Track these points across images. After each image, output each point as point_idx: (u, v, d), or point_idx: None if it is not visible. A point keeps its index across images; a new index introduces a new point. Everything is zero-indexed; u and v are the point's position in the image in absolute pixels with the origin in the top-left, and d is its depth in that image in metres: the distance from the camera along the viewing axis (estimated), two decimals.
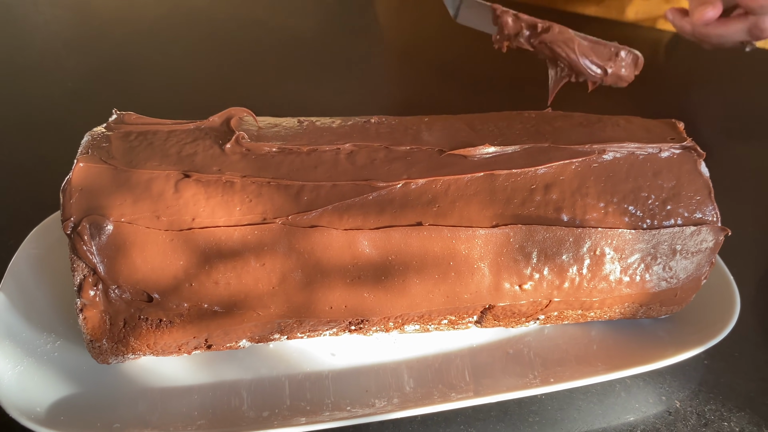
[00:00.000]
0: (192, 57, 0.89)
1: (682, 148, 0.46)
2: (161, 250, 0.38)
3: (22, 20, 0.95)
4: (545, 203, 0.43)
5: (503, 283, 0.42)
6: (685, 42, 0.97)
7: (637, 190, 0.44)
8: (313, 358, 0.46)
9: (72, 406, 0.41)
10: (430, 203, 0.41)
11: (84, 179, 0.38)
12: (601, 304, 0.45)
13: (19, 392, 0.40)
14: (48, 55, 0.86)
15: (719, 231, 0.44)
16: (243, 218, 0.39)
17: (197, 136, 0.42)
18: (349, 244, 0.40)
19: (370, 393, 0.43)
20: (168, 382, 0.43)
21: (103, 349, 0.41)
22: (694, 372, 0.47)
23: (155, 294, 0.38)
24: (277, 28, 0.96)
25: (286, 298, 0.40)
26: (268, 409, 0.42)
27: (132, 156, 0.40)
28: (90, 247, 0.37)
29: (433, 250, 0.41)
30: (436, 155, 0.43)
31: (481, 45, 0.57)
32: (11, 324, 0.43)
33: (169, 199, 0.39)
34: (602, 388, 0.46)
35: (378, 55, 0.93)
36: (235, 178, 0.40)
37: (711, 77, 0.90)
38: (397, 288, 0.41)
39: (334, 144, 0.43)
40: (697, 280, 0.46)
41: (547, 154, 0.44)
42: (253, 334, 0.42)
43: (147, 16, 0.99)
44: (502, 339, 0.48)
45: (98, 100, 0.76)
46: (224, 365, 0.45)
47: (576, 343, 0.48)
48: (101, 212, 0.38)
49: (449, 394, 0.43)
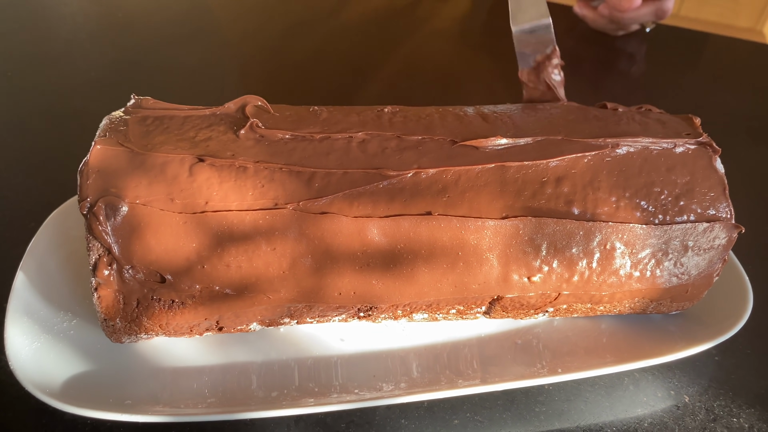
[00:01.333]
0: (212, 49, 0.90)
1: (698, 144, 0.46)
2: (174, 232, 0.39)
3: (49, 11, 0.97)
4: (556, 196, 0.43)
5: (512, 274, 0.42)
6: (707, 40, 0.97)
7: (650, 184, 0.44)
8: (323, 343, 0.46)
9: (85, 382, 0.42)
10: (440, 193, 0.42)
11: (101, 161, 0.39)
12: (610, 298, 0.45)
13: (36, 367, 0.41)
14: (73, 46, 0.87)
15: (733, 228, 0.44)
16: (255, 203, 0.40)
17: (212, 122, 0.43)
18: (358, 231, 0.40)
19: (377, 378, 0.44)
20: (179, 362, 0.44)
21: (117, 328, 0.41)
22: (704, 367, 0.47)
23: (168, 275, 0.39)
24: (301, 23, 0.97)
25: (295, 282, 0.41)
26: (277, 389, 0.42)
27: (148, 139, 0.41)
28: (105, 228, 0.38)
29: (442, 239, 0.41)
30: (448, 145, 0.43)
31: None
32: (30, 302, 0.45)
33: (183, 182, 0.40)
34: (610, 381, 0.46)
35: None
36: (248, 164, 0.40)
37: (731, 74, 0.89)
38: (406, 276, 0.41)
39: (347, 132, 0.43)
40: (708, 277, 0.45)
41: (559, 147, 0.44)
42: (263, 318, 0.43)
43: (170, 9, 1.00)
44: (511, 329, 0.48)
45: (119, 90, 0.77)
46: (235, 347, 0.46)
47: (585, 335, 0.48)
48: (117, 193, 0.38)
49: (456, 380, 0.43)
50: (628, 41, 0.93)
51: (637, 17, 0.88)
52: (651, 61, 0.91)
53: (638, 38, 0.93)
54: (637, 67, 0.90)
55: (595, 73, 0.89)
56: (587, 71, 0.89)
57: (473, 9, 1.04)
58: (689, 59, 0.93)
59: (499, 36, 0.96)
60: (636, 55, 0.91)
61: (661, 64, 0.90)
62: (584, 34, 0.94)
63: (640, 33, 0.94)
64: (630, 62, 0.90)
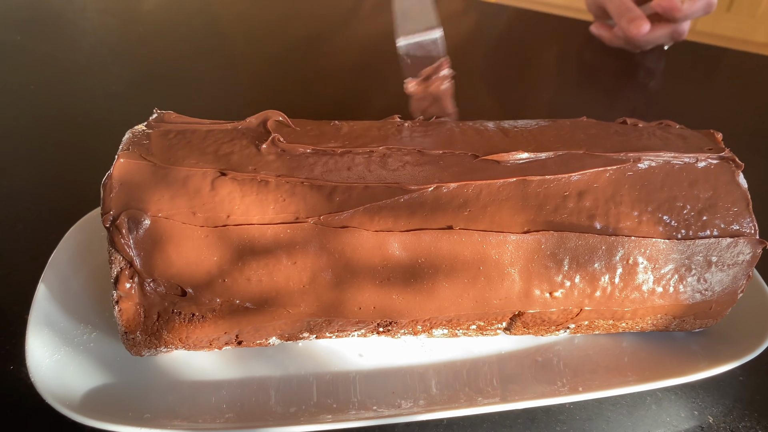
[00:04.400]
0: (231, 64, 0.91)
1: (720, 159, 0.45)
2: (196, 246, 0.39)
3: (72, 26, 0.99)
4: (578, 210, 0.42)
5: (533, 289, 0.42)
6: (725, 55, 0.96)
7: (672, 199, 0.43)
8: (341, 358, 0.46)
9: (105, 394, 0.42)
10: (462, 207, 0.41)
11: (124, 174, 0.39)
12: (633, 314, 0.44)
13: (56, 379, 0.41)
14: (94, 60, 0.89)
15: (757, 244, 0.44)
16: (276, 217, 0.40)
17: (234, 136, 0.43)
18: (379, 245, 0.40)
19: (396, 394, 0.43)
20: (198, 376, 0.44)
21: (137, 342, 0.41)
22: (728, 388, 0.46)
23: (189, 288, 0.39)
24: (318, 38, 0.97)
25: (316, 296, 0.41)
26: (295, 405, 0.42)
27: (170, 153, 0.41)
28: (127, 241, 0.38)
29: (463, 254, 0.41)
30: (469, 160, 0.43)
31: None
32: (50, 314, 0.45)
33: (205, 196, 0.40)
34: (632, 400, 0.45)
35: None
36: (269, 178, 0.41)
37: (749, 89, 0.88)
38: (426, 291, 0.41)
39: (368, 146, 0.43)
40: (733, 293, 0.45)
41: (581, 161, 0.44)
42: (282, 332, 0.43)
43: (189, 24, 1.01)
44: (531, 347, 0.48)
45: (140, 103, 0.78)
46: (253, 362, 0.45)
47: (607, 353, 0.47)
48: (139, 207, 0.39)
49: (476, 398, 0.43)
50: (646, 56, 0.92)
51: (653, 39, 0.89)
52: (669, 75, 0.91)
53: (656, 53, 0.93)
54: (655, 82, 0.90)
55: (613, 86, 0.88)
56: (605, 84, 0.89)
57: (479, 27, 1.05)
58: (707, 74, 0.93)
59: (506, 52, 0.97)
60: (654, 70, 0.91)
61: (679, 78, 0.90)
62: (602, 46, 0.94)
63: (659, 48, 0.94)
64: (648, 76, 0.90)
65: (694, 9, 0.85)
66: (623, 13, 0.87)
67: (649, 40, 0.89)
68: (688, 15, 0.86)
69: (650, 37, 0.88)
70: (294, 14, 1.06)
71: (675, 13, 0.85)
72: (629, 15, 0.87)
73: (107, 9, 1.04)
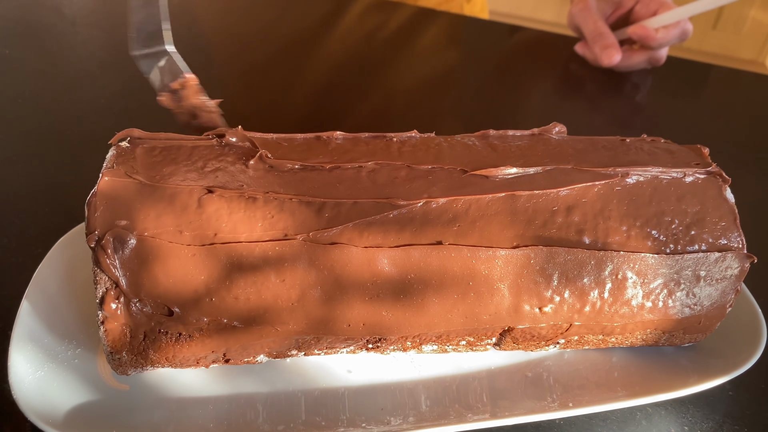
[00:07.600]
0: (219, 79, 0.90)
1: (707, 174, 0.45)
2: (183, 265, 0.39)
3: (61, 39, 0.98)
4: (567, 225, 0.42)
5: (523, 305, 0.42)
6: (711, 71, 0.97)
7: (661, 214, 0.43)
8: (330, 375, 0.46)
9: (89, 412, 0.41)
10: (451, 222, 0.41)
11: (108, 193, 0.39)
12: (622, 329, 0.44)
13: (39, 396, 0.40)
14: (83, 73, 0.88)
15: (745, 258, 0.44)
16: (264, 234, 0.40)
17: (220, 153, 0.43)
18: (368, 261, 0.40)
19: (385, 411, 0.43)
20: (184, 392, 0.44)
21: (123, 361, 0.41)
22: (718, 403, 0.46)
23: (176, 308, 0.39)
24: (297, 48, 0.98)
25: (304, 314, 0.40)
26: (283, 423, 0.42)
27: (156, 170, 0.41)
28: (113, 261, 0.38)
29: (453, 269, 0.41)
30: (458, 175, 0.43)
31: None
32: (34, 330, 0.44)
33: (191, 213, 0.39)
34: (622, 416, 0.45)
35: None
36: (257, 194, 0.40)
37: (734, 105, 0.89)
38: (416, 307, 0.41)
39: (356, 162, 0.43)
40: (722, 307, 0.45)
41: (569, 176, 0.44)
42: (270, 350, 0.42)
43: (177, 39, 1.01)
44: (521, 362, 0.47)
45: (128, 117, 0.78)
46: (241, 378, 0.45)
47: (597, 368, 0.47)
48: (125, 226, 0.38)
49: (466, 414, 0.42)
50: (633, 72, 0.93)
51: (630, 65, 0.90)
52: (656, 90, 0.91)
53: (643, 69, 0.94)
54: (642, 97, 0.90)
55: (600, 101, 0.89)
56: (593, 99, 0.89)
57: (453, 39, 1.05)
58: (694, 90, 0.94)
59: (481, 65, 0.97)
60: (641, 86, 0.91)
61: (666, 93, 0.91)
62: (589, 63, 0.95)
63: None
64: (635, 92, 0.91)
65: (669, 37, 0.86)
66: (596, 39, 0.89)
67: (626, 66, 0.90)
68: (663, 43, 0.87)
69: (627, 63, 0.90)
70: (272, 26, 1.06)
71: (650, 41, 0.87)
72: (602, 42, 0.88)
73: (97, 23, 1.03)
